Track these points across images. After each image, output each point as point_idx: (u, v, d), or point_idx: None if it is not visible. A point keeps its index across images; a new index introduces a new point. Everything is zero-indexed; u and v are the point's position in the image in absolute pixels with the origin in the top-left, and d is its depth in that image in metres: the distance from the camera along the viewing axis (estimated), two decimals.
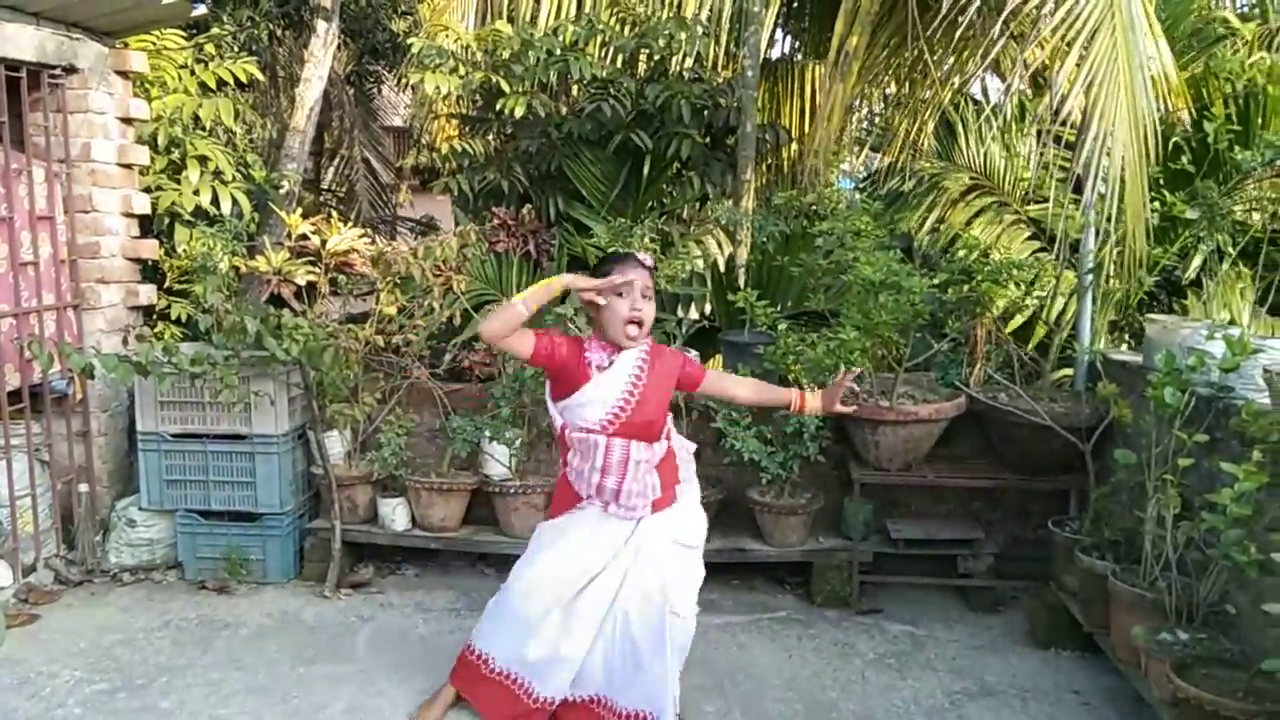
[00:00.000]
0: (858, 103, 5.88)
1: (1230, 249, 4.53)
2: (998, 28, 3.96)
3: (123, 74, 4.67)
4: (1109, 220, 3.86)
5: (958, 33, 5.16)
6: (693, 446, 3.27)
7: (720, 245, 5.27)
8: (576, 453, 3.01)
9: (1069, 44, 3.77)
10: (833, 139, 5.36)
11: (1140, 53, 3.88)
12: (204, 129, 5.08)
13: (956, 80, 5.70)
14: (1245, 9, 5.75)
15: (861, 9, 4.95)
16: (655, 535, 3.02)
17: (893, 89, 6.22)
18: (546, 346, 2.93)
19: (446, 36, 5.74)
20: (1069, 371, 4.46)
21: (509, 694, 3.13)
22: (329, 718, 3.27)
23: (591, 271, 3.10)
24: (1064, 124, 5.84)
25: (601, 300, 2.91)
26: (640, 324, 2.94)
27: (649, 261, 3.01)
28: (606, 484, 2.95)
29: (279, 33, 7.64)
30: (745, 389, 3.34)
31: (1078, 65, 3.77)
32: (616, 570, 3.01)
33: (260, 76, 5.73)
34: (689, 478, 3.20)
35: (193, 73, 5.22)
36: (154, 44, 5.16)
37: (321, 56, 5.67)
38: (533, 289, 2.91)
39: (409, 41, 5.67)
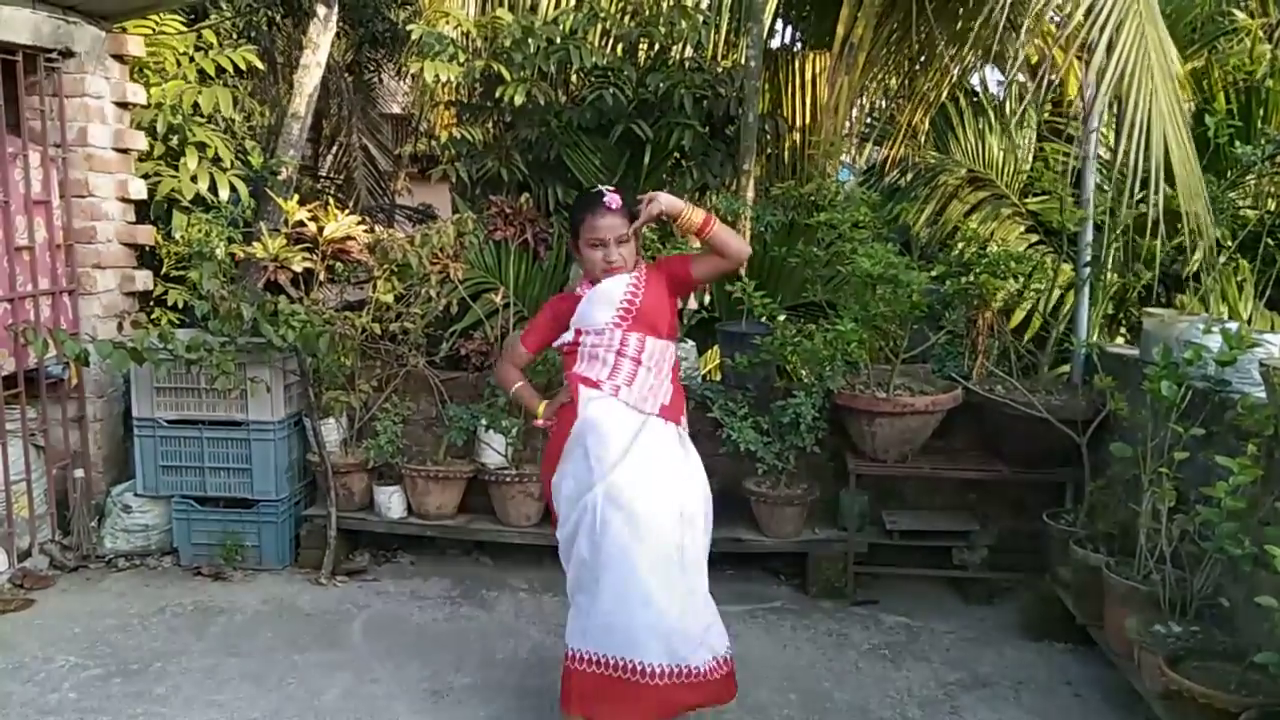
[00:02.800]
0: (860, 95, 5.86)
1: (1229, 243, 4.53)
2: (1002, 19, 3.93)
3: (119, 58, 4.65)
4: (1144, 200, 3.81)
5: (959, 25, 5.16)
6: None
7: None
8: (589, 347, 2.98)
9: (1100, 29, 3.70)
10: (838, 131, 5.35)
11: (1166, 39, 3.86)
12: (203, 116, 5.06)
13: (956, 71, 5.69)
14: (1247, 2, 5.72)
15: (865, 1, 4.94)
16: (667, 438, 2.96)
17: (893, 82, 6.21)
18: (539, 338, 3.16)
19: (447, 23, 5.71)
20: (1067, 368, 4.46)
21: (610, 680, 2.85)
22: (324, 704, 3.27)
23: (569, 216, 3.20)
24: (1064, 116, 5.85)
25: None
26: (620, 268, 2.98)
27: (615, 203, 2.97)
28: (622, 366, 2.94)
29: (278, 19, 7.61)
30: (706, 260, 3.10)
31: (1105, 61, 3.73)
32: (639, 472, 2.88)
33: (259, 64, 5.70)
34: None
35: (192, 59, 5.19)
36: (153, 29, 5.14)
37: (320, 43, 5.64)
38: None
39: (409, 29, 5.64)
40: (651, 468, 2.90)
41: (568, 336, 3.05)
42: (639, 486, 2.85)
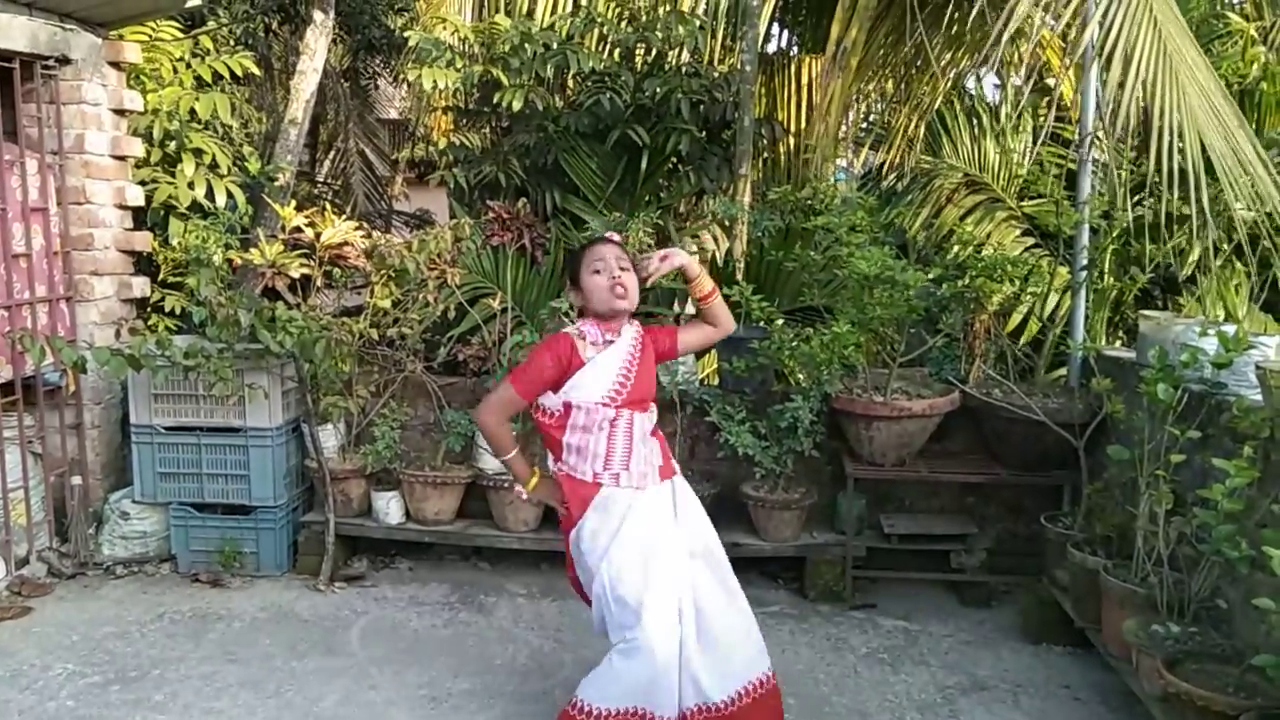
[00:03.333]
0: (855, 99, 5.87)
1: (1225, 246, 4.54)
2: (1006, 31, 3.92)
3: (116, 65, 4.65)
4: (1199, 207, 3.77)
5: (954, 29, 5.17)
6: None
7: (716, 240, 5.26)
8: (579, 430, 2.94)
9: (1116, 34, 3.68)
10: (831, 135, 5.36)
11: (1187, 38, 3.85)
12: (200, 122, 5.07)
13: (951, 76, 5.70)
14: (1241, 5, 5.75)
15: (859, 3, 4.94)
16: (683, 496, 3.00)
17: (889, 86, 6.22)
18: (532, 388, 2.95)
19: (444, 29, 5.72)
20: (1064, 372, 4.47)
21: None
22: (322, 711, 3.27)
23: (567, 262, 3.19)
24: (1061, 119, 5.86)
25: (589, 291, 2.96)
26: (624, 286, 2.92)
27: (614, 236, 3.07)
28: (616, 453, 2.92)
29: (275, 26, 7.62)
30: (697, 329, 3.13)
31: (1121, 81, 3.72)
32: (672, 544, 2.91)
33: (256, 70, 5.71)
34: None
35: (189, 66, 5.20)
36: (150, 36, 5.14)
37: (317, 48, 5.65)
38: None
39: (406, 35, 5.65)
40: (654, 535, 2.90)
41: (555, 405, 2.95)
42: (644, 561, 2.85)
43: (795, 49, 7.44)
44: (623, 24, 5.51)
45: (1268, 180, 3.81)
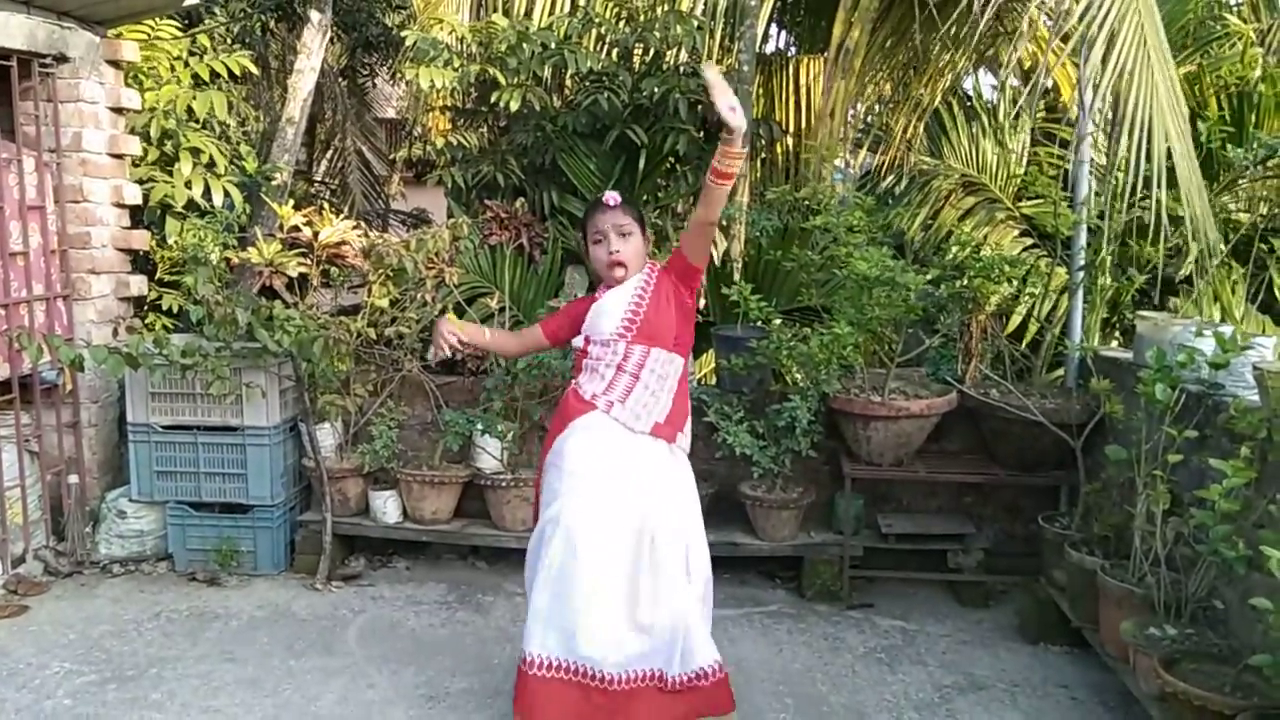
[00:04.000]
0: (856, 100, 5.88)
1: (1222, 247, 4.55)
2: (986, 16, 3.94)
3: (114, 64, 4.64)
4: (1135, 205, 3.81)
5: (953, 30, 5.18)
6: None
7: (714, 240, 5.26)
8: (594, 358, 3.03)
9: (1100, 25, 3.71)
10: (835, 137, 5.36)
11: (1162, 42, 3.88)
12: (197, 121, 5.06)
13: (950, 77, 5.71)
14: (1239, 7, 5.76)
15: (861, 5, 4.95)
16: (654, 457, 3.02)
17: (887, 87, 6.23)
18: (555, 326, 3.22)
19: (441, 28, 5.71)
20: (1062, 372, 4.48)
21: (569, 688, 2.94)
22: (320, 710, 3.27)
23: (580, 225, 3.31)
24: (1058, 120, 5.87)
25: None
26: (622, 264, 3.01)
27: (615, 200, 3.05)
28: (620, 381, 2.98)
29: (272, 25, 7.61)
30: (690, 232, 3.07)
31: (1104, 60, 3.74)
32: (634, 499, 2.96)
33: (254, 69, 5.70)
34: (688, 449, 3.17)
35: (186, 64, 5.19)
36: (148, 35, 5.13)
37: (314, 47, 5.65)
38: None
39: (403, 34, 5.65)
40: (621, 488, 2.95)
41: (578, 342, 3.10)
42: (591, 511, 2.94)
43: (793, 49, 7.46)
44: (620, 24, 5.51)
45: (1203, 206, 3.88)
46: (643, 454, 3.00)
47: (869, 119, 6.90)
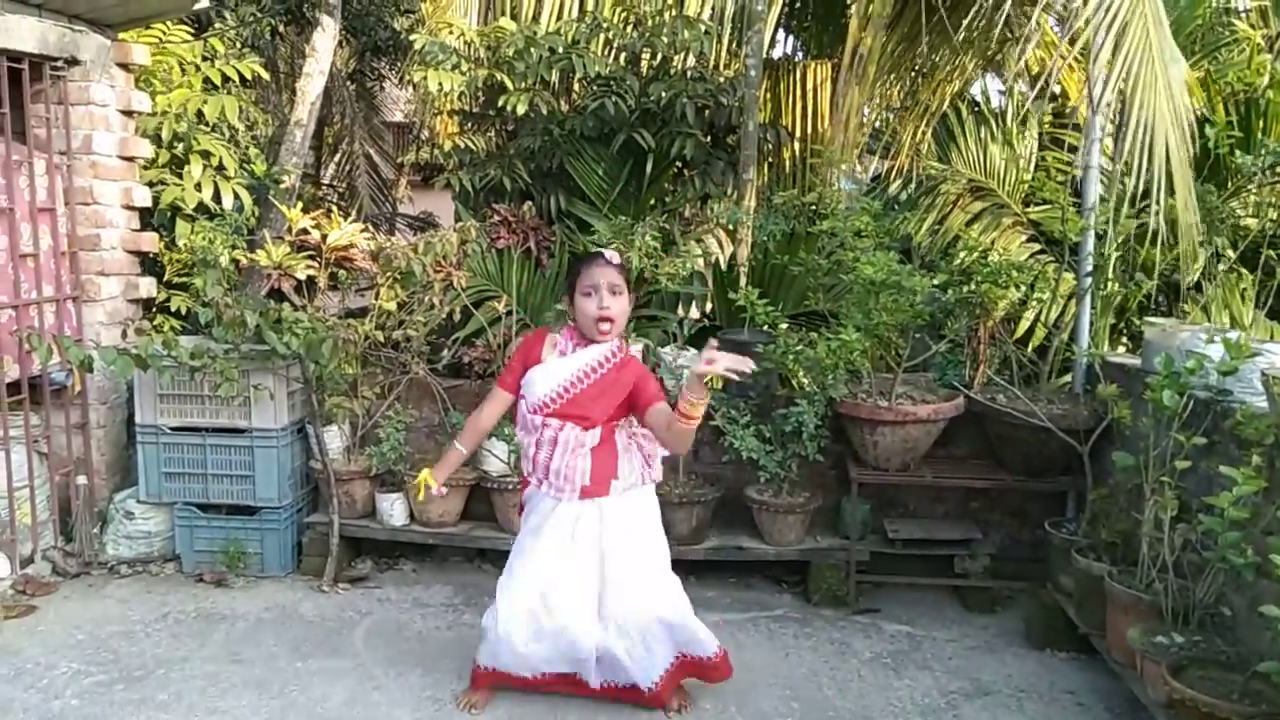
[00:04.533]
0: (869, 106, 5.88)
1: (1230, 253, 4.54)
2: (1000, 25, 3.95)
3: (125, 67, 4.66)
4: (1146, 210, 3.81)
5: (962, 36, 5.18)
6: (661, 453, 3.27)
7: (721, 244, 5.28)
8: (521, 428, 3.22)
9: (1107, 29, 3.72)
10: (849, 142, 5.36)
11: (1169, 46, 3.87)
12: (207, 124, 5.08)
13: (959, 82, 5.71)
14: (1247, 13, 5.75)
15: (874, 11, 4.95)
16: (591, 519, 3.14)
17: (895, 94, 6.23)
18: (504, 379, 3.26)
19: (450, 32, 5.73)
20: (1069, 378, 4.47)
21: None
22: (326, 711, 3.27)
23: (568, 269, 3.28)
24: (1066, 126, 5.87)
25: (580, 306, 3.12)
26: (610, 320, 3.05)
27: (615, 259, 3.13)
28: (539, 459, 3.13)
29: (281, 28, 7.64)
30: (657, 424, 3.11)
31: (1111, 58, 3.74)
32: (580, 555, 3.14)
33: (264, 74, 5.72)
34: (639, 483, 3.22)
35: (197, 68, 5.22)
36: (160, 38, 5.16)
37: (323, 51, 5.67)
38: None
39: (412, 38, 5.67)
40: (561, 567, 3.14)
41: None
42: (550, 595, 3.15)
43: (800, 54, 7.46)
44: (628, 28, 5.53)
45: (1194, 224, 3.88)
46: (577, 517, 3.13)
47: (878, 124, 6.90)
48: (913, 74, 5.69)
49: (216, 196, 4.92)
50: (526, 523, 3.27)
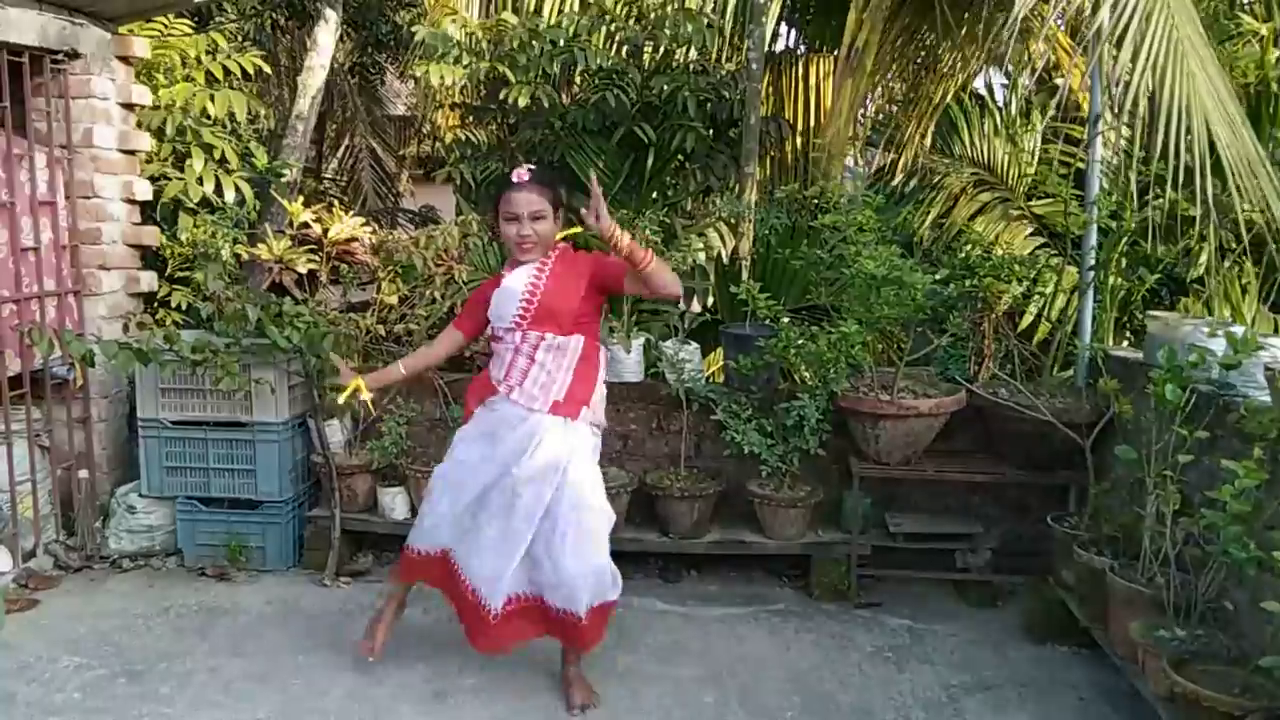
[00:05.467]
0: (868, 99, 5.87)
1: (1234, 246, 4.52)
2: (1000, 20, 3.92)
3: (125, 60, 4.66)
4: (1196, 198, 3.74)
5: (964, 29, 5.16)
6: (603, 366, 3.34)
7: (723, 238, 5.26)
8: (498, 344, 3.27)
9: (1125, 27, 3.69)
10: (844, 136, 5.34)
11: (1199, 31, 3.83)
12: (209, 118, 5.07)
13: (962, 76, 5.69)
14: (1251, 5, 5.72)
15: (873, 3, 4.92)
16: (558, 438, 3.16)
17: (897, 86, 6.21)
18: (471, 321, 3.40)
19: (453, 22, 5.72)
20: (1072, 372, 4.46)
21: (444, 566, 3.37)
22: (328, 705, 3.28)
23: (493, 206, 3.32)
24: (1066, 119, 5.84)
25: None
26: (532, 242, 3.15)
27: (524, 176, 3.15)
28: (517, 364, 3.18)
29: (282, 22, 7.64)
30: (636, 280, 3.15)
31: (1134, 52, 3.70)
32: (526, 467, 3.16)
33: (266, 68, 5.71)
34: (599, 421, 3.30)
35: (199, 62, 5.21)
36: (161, 32, 5.15)
37: (325, 44, 5.66)
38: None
39: (414, 29, 5.65)
40: (491, 450, 3.20)
41: (489, 330, 3.31)
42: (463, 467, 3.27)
43: (802, 47, 7.44)
44: (630, 21, 5.51)
45: (1269, 183, 3.79)
46: (530, 426, 3.16)
47: (880, 117, 6.88)
48: (914, 67, 5.67)
49: (218, 190, 4.92)
50: (480, 428, 3.27)
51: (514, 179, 3.17)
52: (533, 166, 3.25)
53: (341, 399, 3.41)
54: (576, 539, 3.14)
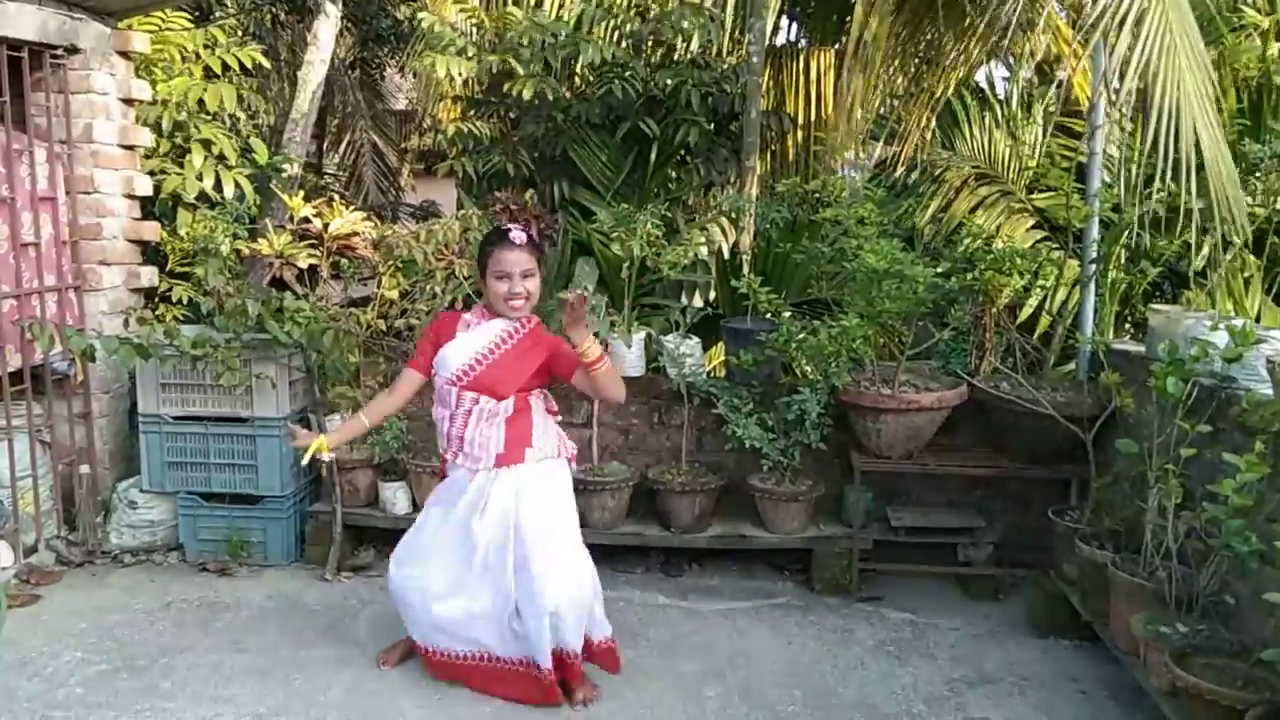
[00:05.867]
0: (874, 94, 5.84)
1: (1236, 240, 4.51)
2: (1004, 13, 3.90)
3: (125, 55, 4.65)
4: (1189, 195, 3.75)
5: (967, 22, 5.14)
6: (555, 419, 3.35)
7: (724, 232, 5.26)
8: (437, 403, 3.25)
9: (1120, 23, 3.69)
10: (855, 132, 5.32)
11: (1191, 26, 3.83)
12: (208, 113, 5.07)
13: (964, 69, 5.67)
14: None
15: None
16: (505, 488, 3.17)
17: (900, 80, 6.19)
18: (425, 360, 3.26)
19: (461, 10, 5.70)
20: (1074, 365, 4.45)
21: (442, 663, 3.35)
22: (329, 700, 3.28)
23: (480, 248, 3.26)
24: (1068, 114, 5.83)
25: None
26: (524, 297, 3.12)
27: (521, 239, 3.12)
28: (453, 432, 3.18)
29: (282, 16, 7.63)
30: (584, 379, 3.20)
31: (1129, 45, 3.70)
32: (482, 525, 3.17)
33: (265, 62, 5.70)
34: (554, 454, 3.27)
35: (197, 57, 5.20)
36: (160, 27, 5.14)
37: (325, 39, 5.65)
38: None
39: (419, 17, 5.63)
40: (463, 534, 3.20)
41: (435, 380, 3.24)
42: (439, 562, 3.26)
43: (803, 41, 7.42)
44: (633, 14, 5.50)
45: (1225, 185, 3.82)
46: (479, 484, 3.18)
47: (882, 112, 6.86)
48: (917, 60, 5.65)
49: (218, 186, 4.91)
50: (438, 498, 3.32)
51: (512, 239, 3.10)
52: (525, 226, 3.25)
53: (305, 461, 3.30)
54: (544, 571, 3.11)
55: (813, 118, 6.82)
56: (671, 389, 4.41)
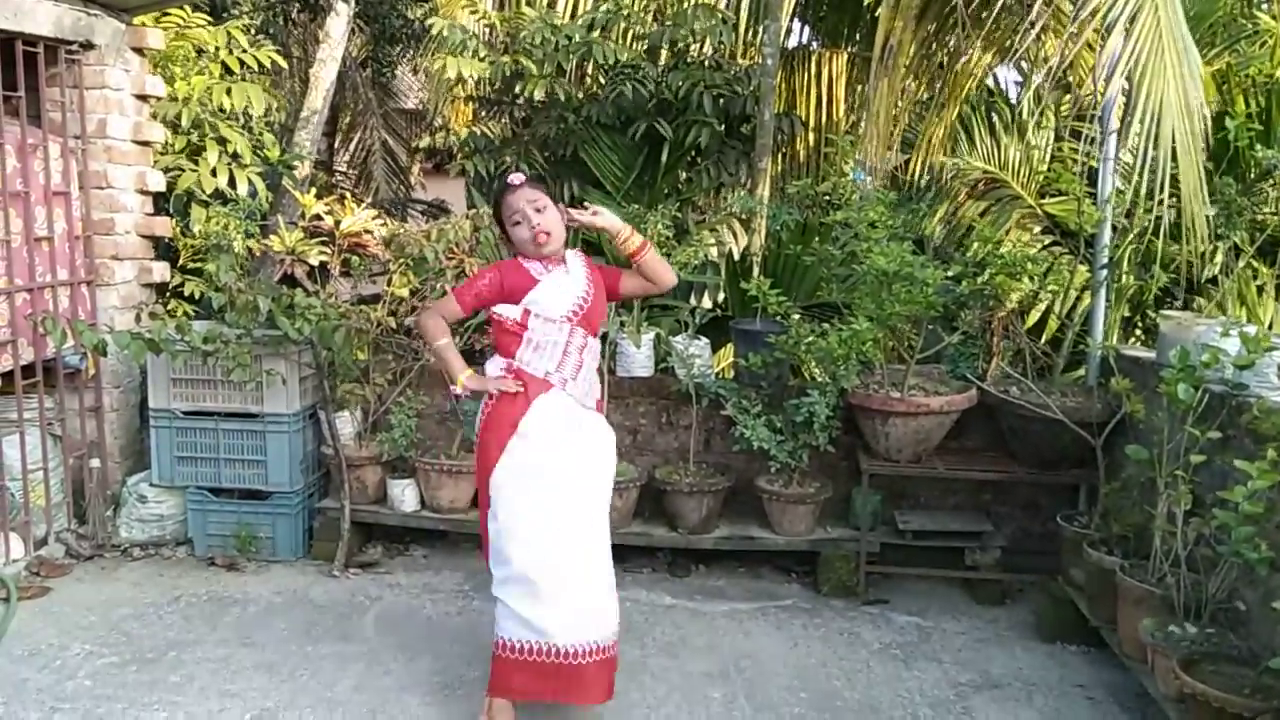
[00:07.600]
0: (899, 99, 5.84)
1: (1248, 246, 4.50)
2: (1021, 16, 3.91)
3: (139, 51, 4.67)
4: (1160, 202, 3.77)
5: (982, 29, 5.14)
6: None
7: (735, 234, 5.26)
8: (539, 333, 3.07)
9: (1109, 28, 3.71)
10: (882, 139, 5.30)
11: (1183, 35, 3.83)
12: (223, 111, 5.09)
13: (979, 74, 5.66)
14: (1269, 3, 5.69)
15: (904, 2, 4.89)
16: (599, 431, 3.16)
17: (914, 86, 6.18)
18: (478, 300, 3.15)
19: (472, 13, 5.71)
20: (1083, 371, 4.44)
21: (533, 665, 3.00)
22: (336, 695, 3.29)
23: (494, 219, 3.28)
24: (1081, 118, 5.82)
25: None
26: (548, 232, 3.06)
27: (519, 179, 3.12)
28: (569, 360, 3.08)
29: (294, 15, 7.65)
30: (635, 279, 3.22)
31: (1123, 46, 3.71)
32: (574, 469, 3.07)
33: (281, 62, 5.73)
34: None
35: (216, 55, 5.22)
36: (178, 24, 5.16)
37: (337, 38, 5.67)
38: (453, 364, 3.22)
39: (430, 22, 5.65)
40: (582, 462, 3.09)
41: (513, 314, 3.08)
42: (567, 482, 3.05)
43: (815, 44, 7.43)
44: (648, 17, 5.52)
45: (1190, 197, 3.83)
46: (588, 429, 3.13)
47: (896, 115, 6.86)
48: (945, 58, 5.64)
49: (231, 182, 4.93)
50: (539, 434, 3.03)
51: (510, 182, 3.11)
52: (521, 174, 3.20)
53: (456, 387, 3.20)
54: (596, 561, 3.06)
55: (824, 120, 6.82)
56: (680, 390, 4.41)
